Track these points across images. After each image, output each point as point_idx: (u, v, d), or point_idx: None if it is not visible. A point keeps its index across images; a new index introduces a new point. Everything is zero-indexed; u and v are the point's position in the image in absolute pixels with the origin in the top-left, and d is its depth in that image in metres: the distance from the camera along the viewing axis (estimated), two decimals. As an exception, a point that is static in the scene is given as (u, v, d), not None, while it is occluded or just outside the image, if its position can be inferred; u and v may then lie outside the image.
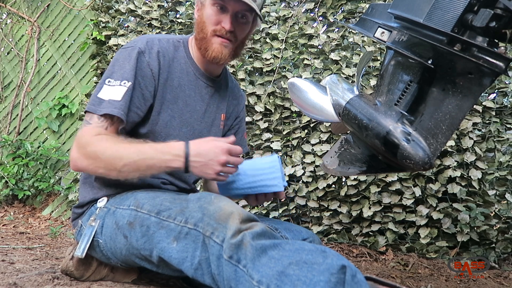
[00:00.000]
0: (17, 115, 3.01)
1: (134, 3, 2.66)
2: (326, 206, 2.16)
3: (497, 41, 0.74)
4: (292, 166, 2.24)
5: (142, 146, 0.96)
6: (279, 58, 2.38)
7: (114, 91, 1.01)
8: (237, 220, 0.79)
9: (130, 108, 1.03)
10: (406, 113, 0.87)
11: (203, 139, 0.97)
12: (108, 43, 2.69)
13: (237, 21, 1.10)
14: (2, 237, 2.06)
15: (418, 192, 2.01)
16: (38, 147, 2.84)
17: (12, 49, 3.11)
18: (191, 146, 0.94)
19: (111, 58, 2.68)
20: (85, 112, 1.03)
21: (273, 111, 2.35)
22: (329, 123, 1.84)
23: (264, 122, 2.35)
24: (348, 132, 1.14)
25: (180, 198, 0.95)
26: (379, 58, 2.24)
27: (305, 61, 2.34)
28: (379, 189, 2.08)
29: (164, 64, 1.10)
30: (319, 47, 2.37)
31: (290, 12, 2.43)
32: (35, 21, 3.02)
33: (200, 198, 0.90)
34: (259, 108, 2.34)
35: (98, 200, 1.07)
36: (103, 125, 0.99)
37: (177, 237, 0.86)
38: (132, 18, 2.71)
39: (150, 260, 0.93)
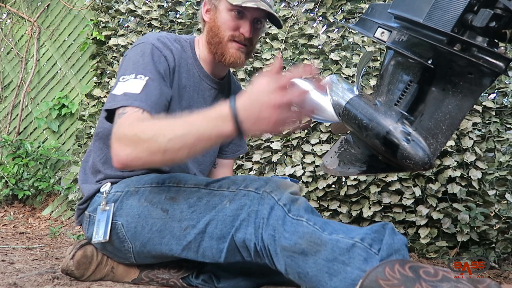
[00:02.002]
0: (17, 115, 3.01)
1: (134, 3, 2.66)
2: (326, 206, 2.16)
3: (497, 41, 0.74)
4: (292, 166, 2.24)
5: (188, 117, 0.82)
6: (279, 58, 2.38)
7: (131, 85, 0.95)
8: (296, 190, 0.89)
9: (161, 100, 0.98)
10: (406, 113, 0.87)
11: (252, 86, 0.78)
12: (108, 43, 2.69)
13: (254, 27, 1.11)
14: (2, 237, 2.06)
15: (418, 192, 2.01)
16: (38, 147, 2.84)
17: (12, 49, 3.11)
18: (238, 101, 0.77)
19: (111, 58, 2.69)
20: (105, 111, 0.97)
21: (273, 111, 2.35)
22: (329, 123, 1.83)
23: (264, 122, 2.34)
24: (348, 132, 1.14)
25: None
26: (379, 58, 2.24)
27: (305, 61, 2.34)
28: (379, 189, 2.08)
29: (175, 61, 1.10)
30: (319, 47, 2.37)
31: (290, 12, 2.43)
32: (35, 21, 3.02)
33: (249, 176, 0.96)
34: (259, 108, 2.34)
35: (102, 187, 1.07)
36: (138, 110, 0.92)
37: (232, 198, 0.91)
38: (132, 18, 2.71)
39: (188, 233, 0.93)
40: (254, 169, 2.33)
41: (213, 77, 1.21)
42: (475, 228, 1.93)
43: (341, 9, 2.39)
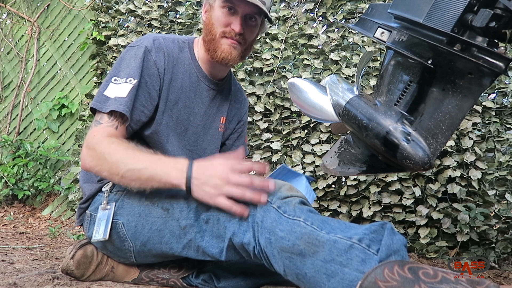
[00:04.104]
0: (17, 115, 3.01)
1: (134, 3, 2.66)
2: (326, 206, 2.17)
3: (497, 41, 0.74)
4: (292, 166, 2.24)
5: (151, 156, 0.94)
6: (279, 58, 2.38)
7: (120, 89, 1.01)
8: (288, 190, 0.89)
9: (136, 106, 1.03)
10: (406, 113, 0.87)
11: (209, 158, 0.92)
12: (108, 43, 2.69)
13: (246, 23, 1.11)
14: (2, 237, 2.06)
15: (418, 192, 2.01)
16: (38, 147, 2.84)
17: (12, 49, 3.11)
18: (196, 162, 0.90)
19: (111, 58, 2.69)
20: (90, 108, 1.03)
21: (273, 111, 2.35)
22: (329, 123, 1.84)
23: (264, 122, 2.35)
24: (348, 132, 1.14)
25: None
26: (379, 58, 2.24)
27: (305, 61, 2.34)
28: (379, 189, 2.08)
29: (168, 64, 1.11)
30: (319, 47, 2.37)
31: (290, 12, 2.43)
32: (35, 21, 3.02)
33: None
34: (259, 108, 2.34)
35: (103, 187, 1.07)
36: (113, 124, 1.00)
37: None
38: (132, 18, 2.71)
39: (187, 231, 0.94)
40: (254, 169, 2.33)
41: (211, 78, 1.21)
42: (475, 228, 1.93)
43: (341, 9, 2.39)
